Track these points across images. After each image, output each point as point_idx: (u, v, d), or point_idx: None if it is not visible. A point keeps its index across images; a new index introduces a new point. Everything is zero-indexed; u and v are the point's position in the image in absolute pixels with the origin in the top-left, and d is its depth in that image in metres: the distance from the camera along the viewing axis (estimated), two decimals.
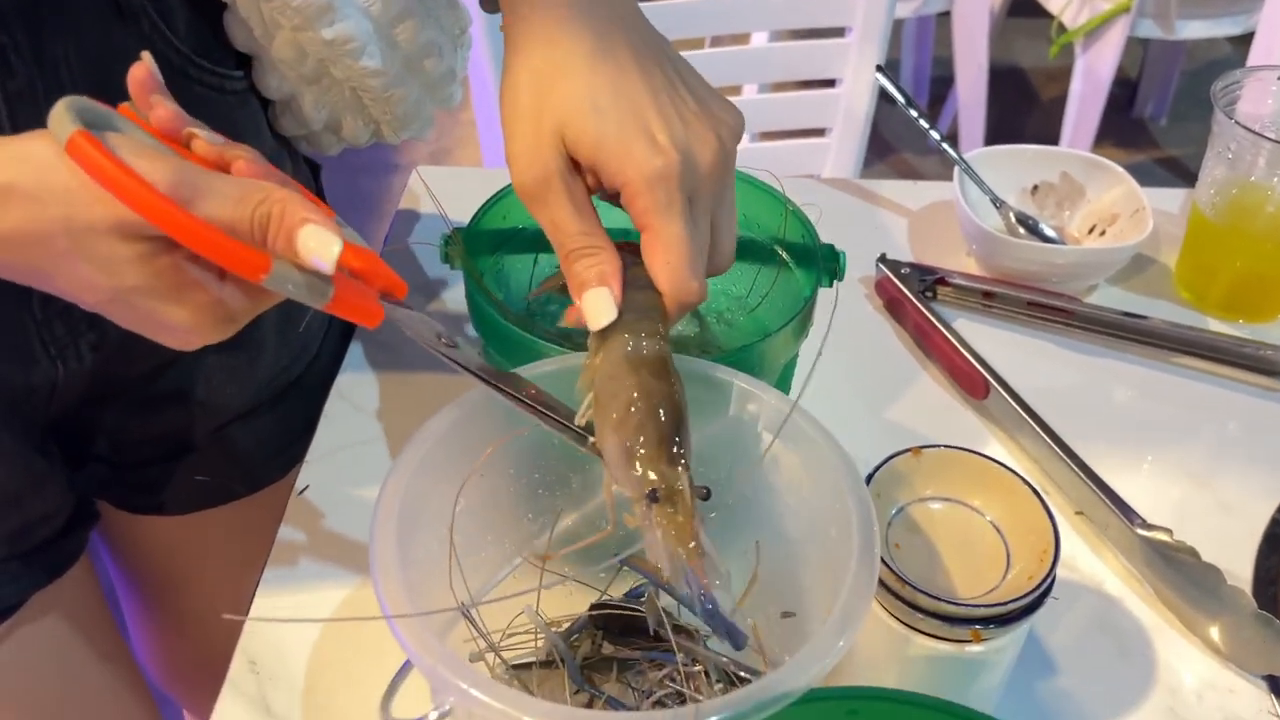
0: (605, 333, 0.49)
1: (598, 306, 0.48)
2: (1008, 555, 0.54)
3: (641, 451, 0.45)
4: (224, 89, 0.64)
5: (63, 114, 0.41)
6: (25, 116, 0.55)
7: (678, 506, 0.43)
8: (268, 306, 0.47)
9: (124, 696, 0.84)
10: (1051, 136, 2.31)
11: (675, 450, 0.45)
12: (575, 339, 0.64)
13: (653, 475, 0.44)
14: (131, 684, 0.85)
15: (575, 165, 0.50)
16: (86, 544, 0.76)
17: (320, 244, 0.42)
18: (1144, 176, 0.88)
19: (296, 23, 0.60)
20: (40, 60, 0.55)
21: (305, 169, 0.77)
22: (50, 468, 0.69)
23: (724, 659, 0.53)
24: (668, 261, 0.48)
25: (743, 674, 0.53)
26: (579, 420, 0.48)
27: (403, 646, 0.42)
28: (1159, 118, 2.74)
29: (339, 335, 0.82)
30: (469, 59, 0.75)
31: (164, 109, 0.45)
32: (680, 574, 0.43)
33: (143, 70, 0.46)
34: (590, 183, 0.50)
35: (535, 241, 0.71)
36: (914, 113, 0.92)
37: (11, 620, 0.69)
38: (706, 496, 0.45)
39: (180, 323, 0.45)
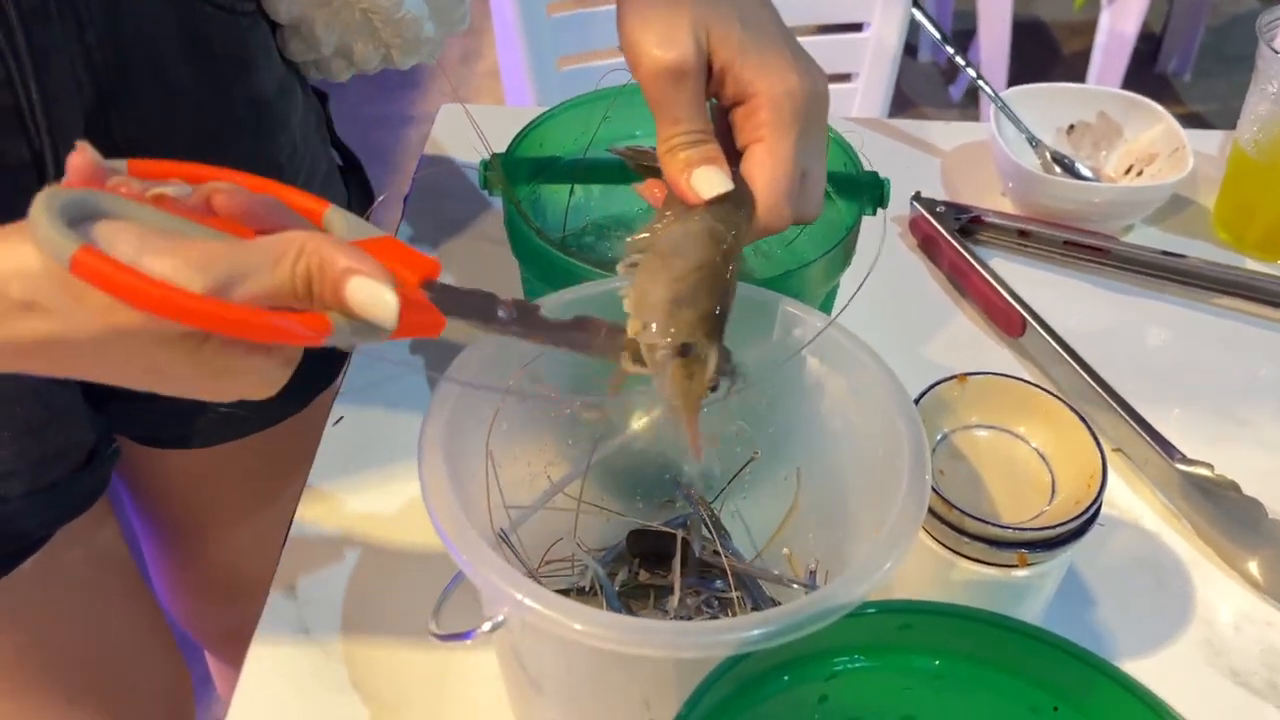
0: (690, 209, 0.47)
1: (710, 177, 0.47)
2: (1053, 482, 0.54)
3: (693, 307, 0.43)
4: (235, 10, 0.64)
5: (48, 226, 0.34)
6: (39, 35, 0.54)
7: (695, 374, 0.43)
8: None
9: (148, 638, 0.85)
10: None
11: (719, 328, 0.44)
12: (614, 267, 0.63)
13: (693, 331, 0.43)
14: (155, 626, 0.86)
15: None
16: (109, 482, 0.76)
17: (372, 298, 0.38)
18: None
19: None
20: None
21: (314, 98, 0.76)
22: (71, 400, 0.69)
23: (775, 573, 0.53)
24: (774, 175, 0.47)
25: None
26: (621, 268, 0.47)
27: (456, 560, 0.42)
28: (1183, 73, 2.70)
29: None
30: None
31: (125, 188, 0.40)
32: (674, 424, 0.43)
33: (81, 159, 0.39)
34: (711, 89, 0.50)
35: (571, 171, 0.70)
36: (949, 49, 0.91)
37: (37, 556, 0.70)
38: (715, 388, 0.44)
39: (245, 389, 0.43)
